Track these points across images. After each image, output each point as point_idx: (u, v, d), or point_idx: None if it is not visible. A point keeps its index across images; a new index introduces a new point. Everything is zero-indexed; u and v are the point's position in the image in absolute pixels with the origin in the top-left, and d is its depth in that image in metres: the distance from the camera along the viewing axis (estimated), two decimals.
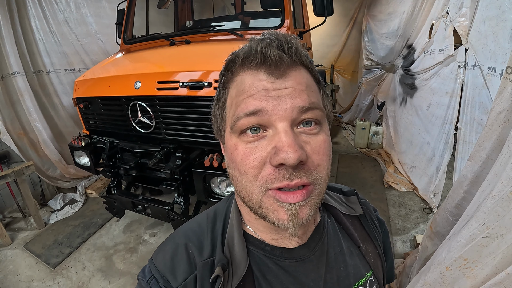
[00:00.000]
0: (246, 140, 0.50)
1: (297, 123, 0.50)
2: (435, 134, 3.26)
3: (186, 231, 0.64)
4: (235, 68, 0.53)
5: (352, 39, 6.28)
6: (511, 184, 1.20)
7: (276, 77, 0.49)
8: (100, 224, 3.44)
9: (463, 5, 2.65)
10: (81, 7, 3.96)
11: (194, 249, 0.59)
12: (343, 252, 0.66)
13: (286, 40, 0.50)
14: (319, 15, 2.83)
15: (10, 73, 3.35)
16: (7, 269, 2.87)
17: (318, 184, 0.50)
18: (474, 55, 2.60)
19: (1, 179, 3.07)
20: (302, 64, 0.53)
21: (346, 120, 6.35)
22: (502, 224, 1.25)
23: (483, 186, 1.47)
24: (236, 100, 0.51)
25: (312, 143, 0.50)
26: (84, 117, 2.91)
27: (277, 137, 0.47)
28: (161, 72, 2.40)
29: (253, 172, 0.49)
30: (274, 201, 0.49)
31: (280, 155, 0.45)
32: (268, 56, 0.48)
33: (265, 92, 0.48)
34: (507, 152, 1.32)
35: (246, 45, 0.52)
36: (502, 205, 1.24)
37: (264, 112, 0.48)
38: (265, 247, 0.61)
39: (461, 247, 1.41)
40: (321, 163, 0.50)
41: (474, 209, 1.46)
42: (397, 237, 3.03)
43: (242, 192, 0.52)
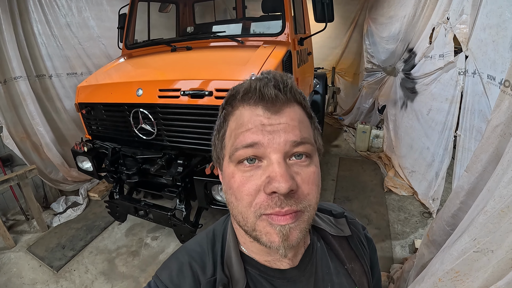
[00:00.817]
0: (243, 169, 0.54)
1: (289, 155, 0.54)
2: (435, 139, 3.28)
3: (189, 251, 0.68)
4: (235, 102, 0.57)
5: (353, 42, 6.29)
6: (502, 202, 1.23)
7: (272, 113, 0.54)
8: (103, 227, 3.47)
9: (463, 12, 2.65)
10: (83, 10, 3.97)
11: (198, 268, 0.64)
12: (330, 272, 0.71)
13: (282, 80, 0.56)
14: (319, 21, 2.84)
15: (13, 77, 3.37)
16: (11, 271, 2.91)
17: (307, 212, 0.55)
18: (474, 63, 2.60)
19: (4, 183, 3.10)
20: (296, 101, 0.58)
21: (347, 123, 6.36)
22: (493, 240, 1.28)
23: (478, 200, 1.50)
24: (235, 132, 0.56)
25: (303, 174, 0.54)
26: (86, 123, 2.93)
27: (271, 167, 0.52)
28: (163, 80, 2.43)
29: (248, 199, 0.53)
30: (267, 223, 0.53)
31: (273, 184, 0.50)
32: (265, 94, 0.53)
33: (261, 127, 0.53)
34: (501, 169, 1.34)
35: (246, 81, 0.57)
36: (493, 222, 1.27)
37: (260, 145, 0.52)
38: (260, 267, 0.65)
39: (453, 260, 1.44)
40: (311, 192, 0.55)
41: (467, 223, 1.49)
42: (396, 241, 3.05)
43: (238, 217, 0.56)
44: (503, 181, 1.25)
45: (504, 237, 1.25)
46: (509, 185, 1.23)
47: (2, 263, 3.01)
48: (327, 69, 6.70)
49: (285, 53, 2.56)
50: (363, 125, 5.03)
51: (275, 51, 2.55)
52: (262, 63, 2.34)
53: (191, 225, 2.53)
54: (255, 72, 2.21)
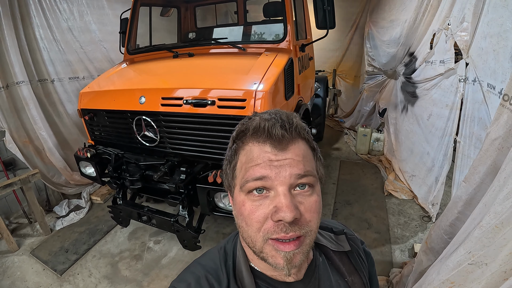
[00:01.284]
0: (252, 199, 0.61)
1: (294, 187, 0.61)
2: (435, 144, 3.30)
3: (204, 266, 0.75)
4: (245, 138, 0.64)
5: (354, 44, 6.29)
6: (497, 218, 1.28)
7: (279, 151, 0.60)
8: (105, 231, 3.50)
9: (464, 19, 2.65)
10: (85, 15, 3.98)
11: (214, 281, 0.70)
12: (331, 285, 0.78)
13: (288, 120, 0.63)
14: (321, 28, 2.85)
15: (15, 82, 3.39)
16: (15, 275, 2.94)
17: (308, 236, 0.62)
18: (475, 70, 2.61)
19: (7, 187, 3.13)
20: (300, 137, 0.65)
21: (348, 125, 6.36)
22: (487, 254, 1.33)
23: (474, 213, 1.54)
24: (245, 166, 0.62)
25: (306, 203, 0.61)
26: (89, 128, 2.96)
27: (278, 198, 0.58)
28: (165, 88, 2.44)
29: (257, 225, 0.60)
30: (272, 249, 0.60)
31: (280, 214, 0.57)
32: (273, 134, 0.60)
33: (269, 162, 0.59)
34: (498, 185, 1.38)
35: (255, 118, 0.64)
36: (488, 236, 1.32)
37: (268, 178, 0.59)
38: (268, 280, 0.72)
39: (449, 271, 1.50)
40: (312, 219, 0.62)
41: (464, 236, 1.54)
42: (396, 245, 3.08)
43: (247, 239, 0.63)
44: (498, 197, 1.30)
45: (498, 251, 1.30)
46: (504, 202, 1.28)
47: (6, 266, 3.04)
48: (328, 71, 6.71)
49: (286, 61, 2.57)
50: (364, 128, 5.05)
51: (277, 59, 2.56)
52: (264, 72, 2.35)
53: (193, 230, 2.56)
54: (257, 82, 2.23)
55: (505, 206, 1.27)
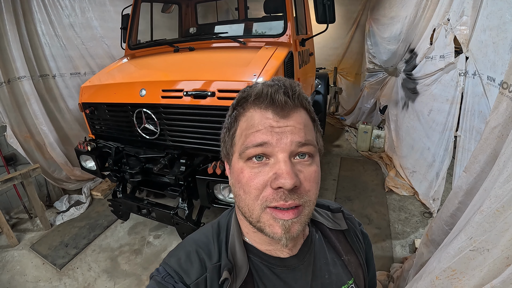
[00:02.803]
0: (252, 166, 0.60)
1: (294, 155, 0.60)
2: (435, 140, 3.29)
3: (196, 240, 0.73)
4: (246, 104, 0.63)
5: (355, 42, 6.30)
6: (498, 202, 1.26)
7: (281, 117, 0.59)
8: (105, 226, 3.50)
9: (464, 13, 2.65)
10: (86, 11, 4.00)
11: (204, 255, 0.69)
12: (327, 263, 0.77)
13: (292, 87, 0.61)
14: (321, 23, 2.86)
15: (17, 77, 3.40)
16: (14, 269, 2.94)
17: (307, 206, 0.61)
18: (474, 64, 2.61)
19: (8, 182, 3.13)
20: (303, 107, 0.63)
21: (349, 123, 6.37)
22: (489, 239, 1.31)
23: (474, 200, 1.53)
24: (246, 132, 0.61)
25: (305, 172, 0.60)
26: (90, 122, 2.96)
27: (278, 165, 0.57)
28: (166, 80, 2.45)
29: (255, 193, 0.59)
30: (270, 217, 0.59)
31: (280, 180, 0.56)
32: (276, 100, 0.58)
33: (270, 129, 0.58)
34: (497, 169, 1.37)
35: (257, 85, 0.63)
36: (489, 221, 1.30)
37: (269, 144, 0.58)
38: (261, 255, 0.71)
39: (450, 258, 1.47)
40: (311, 189, 0.61)
41: (464, 223, 1.52)
42: (396, 241, 3.07)
43: (244, 208, 0.62)
44: (498, 181, 1.28)
45: (500, 236, 1.28)
46: (504, 185, 1.26)
47: (5, 261, 3.04)
48: (329, 69, 6.71)
49: (286, 54, 2.58)
50: (365, 125, 5.04)
51: (276, 52, 2.57)
52: (264, 64, 2.36)
53: (193, 223, 2.56)
54: (257, 73, 2.23)
55: (506, 189, 1.26)
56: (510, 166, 1.30)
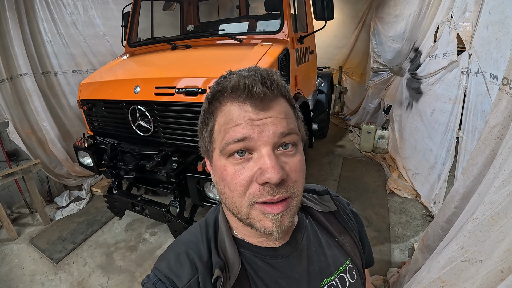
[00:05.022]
0: (234, 162, 0.58)
1: (277, 146, 0.58)
2: (437, 141, 3.21)
3: (184, 241, 0.72)
4: (222, 98, 0.59)
5: (361, 41, 6.22)
6: (492, 209, 1.17)
7: (260, 110, 0.57)
8: (103, 222, 3.53)
9: (467, 9, 2.58)
10: (89, 9, 4.04)
11: (194, 255, 0.66)
12: (322, 246, 0.76)
13: (269, 76, 0.58)
14: (319, 19, 2.83)
15: (19, 74, 3.46)
16: (12, 262, 2.99)
17: (295, 197, 0.60)
18: (477, 62, 2.53)
19: (9, 176, 3.19)
20: (282, 95, 0.61)
21: (353, 123, 6.27)
22: (482, 249, 1.21)
23: (469, 205, 1.44)
24: (225, 127, 0.58)
25: (290, 163, 0.59)
26: (88, 119, 2.99)
27: (262, 160, 0.56)
28: (159, 77, 2.45)
29: (241, 190, 0.57)
30: (260, 212, 0.58)
31: (266, 175, 0.54)
32: (254, 92, 0.56)
33: (250, 122, 0.56)
34: (493, 172, 1.27)
35: (232, 76, 0.59)
36: (482, 230, 1.20)
37: (251, 139, 0.56)
38: (253, 248, 0.69)
39: (440, 268, 1.39)
40: (298, 179, 0.60)
41: (456, 230, 1.43)
42: (395, 245, 2.99)
43: (232, 206, 0.61)
44: (493, 185, 1.19)
45: (494, 247, 1.19)
46: (500, 191, 1.17)
47: (4, 254, 3.09)
48: (334, 68, 6.64)
49: (281, 51, 2.55)
50: (368, 126, 4.96)
51: (271, 49, 2.54)
52: (257, 61, 2.34)
53: (185, 221, 2.55)
54: None
55: (501, 195, 1.17)
56: (507, 169, 1.21)
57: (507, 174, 1.20)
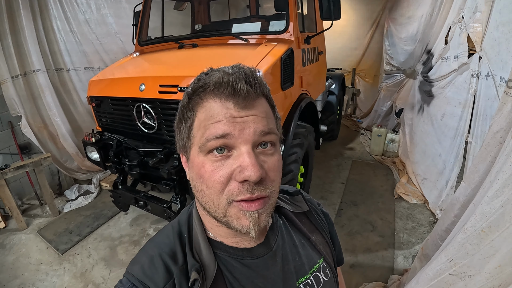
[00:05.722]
0: (213, 159, 0.57)
1: (257, 145, 0.58)
2: (446, 145, 3.12)
3: (157, 243, 0.70)
4: (204, 94, 0.59)
5: (374, 42, 6.12)
6: (484, 220, 1.11)
7: (242, 108, 0.57)
8: (110, 216, 3.60)
9: (477, 9, 2.51)
10: (102, 8, 4.13)
11: (168, 258, 0.64)
12: (295, 245, 0.76)
13: (253, 75, 0.59)
14: (325, 19, 2.81)
15: (32, 70, 3.56)
16: (20, 251, 3.09)
17: (272, 196, 0.61)
18: (488, 64, 2.45)
19: (20, 168, 3.31)
20: (263, 95, 0.62)
21: (365, 126, 6.17)
22: (471, 263, 1.16)
23: (464, 215, 1.38)
24: (205, 123, 0.58)
25: (269, 162, 0.59)
26: (97, 115, 3.05)
27: (242, 157, 0.56)
28: (164, 76, 2.48)
29: (220, 187, 0.57)
30: (237, 210, 0.58)
31: (245, 173, 0.54)
32: (238, 90, 0.56)
33: (232, 119, 0.56)
34: (489, 181, 1.21)
35: (215, 73, 0.59)
36: (472, 243, 1.15)
37: (231, 136, 0.56)
38: (228, 249, 0.68)
39: (428, 281, 1.34)
40: (276, 178, 0.61)
41: (449, 241, 1.38)
42: (399, 251, 2.91)
43: (209, 203, 0.60)
44: (487, 195, 1.13)
45: (484, 262, 1.13)
46: (493, 201, 1.11)
47: (13, 243, 3.20)
48: (347, 70, 6.56)
49: (285, 51, 2.54)
50: (379, 129, 4.87)
51: (275, 48, 2.53)
52: (259, 60, 2.34)
53: None
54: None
55: (494, 206, 1.11)
56: (501, 178, 1.15)
57: (501, 184, 1.14)
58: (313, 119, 3.38)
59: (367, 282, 2.56)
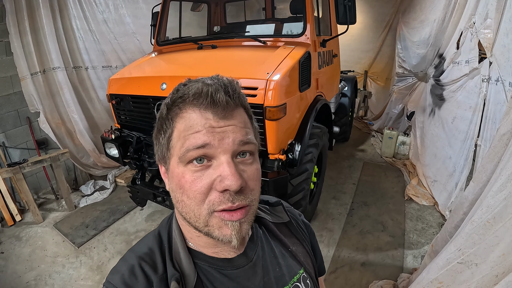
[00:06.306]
0: (193, 169, 0.58)
1: (236, 154, 0.59)
2: (457, 149, 3.17)
3: (137, 253, 0.68)
4: (183, 105, 0.59)
5: (387, 45, 6.15)
6: (489, 212, 1.19)
7: (221, 118, 0.58)
8: (125, 211, 3.68)
9: (488, 16, 2.56)
10: (120, 8, 4.21)
11: (148, 268, 0.64)
12: (276, 256, 0.76)
13: (231, 86, 0.60)
14: (341, 23, 2.86)
15: (51, 67, 3.66)
16: (36, 244, 3.17)
17: (253, 205, 0.61)
18: (498, 69, 2.51)
19: (38, 163, 3.40)
20: (242, 105, 0.63)
21: (376, 128, 6.20)
22: (477, 252, 1.23)
23: (472, 210, 1.45)
24: (184, 134, 0.58)
25: (248, 171, 0.60)
26: (116, 112, 3.13)
27: (222, 167, 0.56)
28: (185, 76, 2.53)
29: (200, 197, 0.57)
30: (219, 220, 0.58)
31: (225, 182, 0.55)
32: (217, 100, 0.56)
33: (211, 129, 0.57)
34: (494, 178, 1.29)
35: (194, 83, 0.59)
36: (479, 233, 1.23)
37: (211, 146, 0.56)
38: (208, 259, 0.68)
39: (438, 269, 1.40)
40: (255, 187, 0.61)
41: (457, 233, 1.45)
42: (409, 251, 2.97)
43: (189, 214, 0.60)
44: (492, 190, 1.21)
45: (489, 250, 1.21)
46: (497, 195, 1.19)
47: (29, 236, 3.28)
48: (359, 72, 6.60)
49: (303, 54, 2.60)
50: (390, 131, 4.91)
51: (293, 51, 2.59)
52: (278, 63, 2.40)
53: None
54: (270, 72, 2.28)
55: (498, 199, 1.19)
56: (505, 174, 1.23)
57: (504, 179, 1.21)
58: (327, 120, 3.44)
59: (378, 280, 2.62)
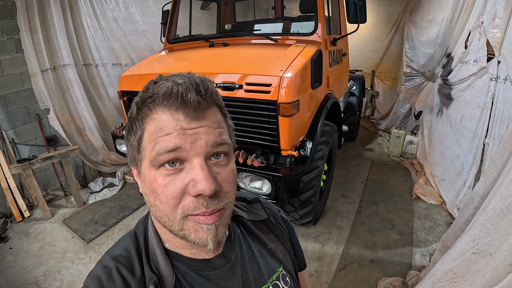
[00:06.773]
0: (165, 173, 0.55)
1: (209, 156, 0.57)
2: (465, 147, 3.18)
3: (114, 256, 0.66)
4: (153, 105, 0.56)
5: (394, 45, 6.15)
6: (503, 202, 1.21)
7: (193, 119, 0.55)
8: (134, 208, 3.69)
9: (496, 15, 2.58)
10: (129, 6, 4.24)
11: (126, 271, 0.62)
12: (254, 255, 0.75)
13: (203, 84, 0.57)
14: (352, 23, 2.87)
15: (62, 64, 3.68)
16: (45, 240, 3.18)
17: (228, 208, 0.60)
18: (506, 68, 2.53)
19: (47, 160, 3.43)
20: (215, 104, 0.60)
21: (383, 127, 6.18)
22: (492, 242, 1.25)
23: (485, 203, 1.47)
24: (155, 136, 0.55)
25: (223, 173, 0.58)
26: (127, 109, 3.14)
27: (194, 170, 0.54)
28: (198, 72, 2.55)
29: (174, 202, 0.55)
30: (194, 223, 0.57)
31: (199, 187, 0.53)
32: (188, 101, 0.53)
33: (183, 131, 0.54)
34: (507, 170, 1.31)
35: (164, 82, 0.56)
36: (493, 223, 1.25)
37: (182, 149, 0.54)
38: (186, 260, 0.67)
39: (452, 260, 1.42)
40: (230, 189, 0.60)
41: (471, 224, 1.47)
42: (417, 249, 2.98)
43: (163, 218, 0.58)
44: (505, 181, 1.23)
45: (503, 240, 1.22)
46: (510, 185, 1.21)
47: (38, 232, 3.29)
48: (367, 72, 6.59)
49: (314, 52, 2.61)
50: (398, 130, 4.91)
51: (305, 50, 2.61)
52: (291, 60, 2.42)
53: None
54: (283, 69, 2.30)
55: (511, 189, 1.21)
56: None
57: None
58: (336, 119, 3.45)
59: (386, 277, 2.63)
